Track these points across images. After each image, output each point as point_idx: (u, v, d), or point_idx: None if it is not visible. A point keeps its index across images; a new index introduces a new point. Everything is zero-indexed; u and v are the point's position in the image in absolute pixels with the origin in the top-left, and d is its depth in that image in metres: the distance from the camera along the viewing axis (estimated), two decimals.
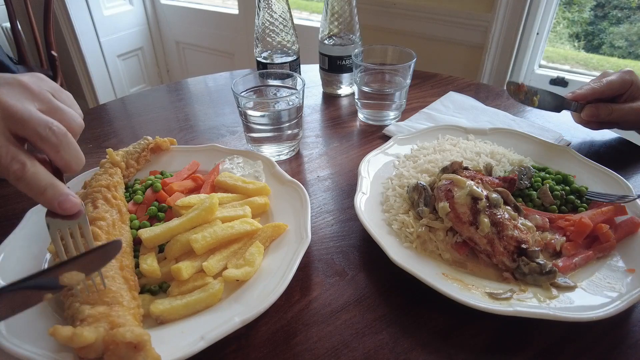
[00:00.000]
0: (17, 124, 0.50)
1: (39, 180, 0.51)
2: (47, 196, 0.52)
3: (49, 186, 0.52)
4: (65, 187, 0.53)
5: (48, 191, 0.52)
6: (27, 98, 0.52)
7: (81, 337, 0.46)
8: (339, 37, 1.18)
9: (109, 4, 3.02)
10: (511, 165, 0.84)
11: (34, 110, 0.51)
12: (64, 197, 0.52)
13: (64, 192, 0.53)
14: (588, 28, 1.94)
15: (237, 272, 0.60)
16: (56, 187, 0.52)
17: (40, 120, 0.51)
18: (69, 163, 0.54)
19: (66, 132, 0.53)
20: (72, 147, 0.54)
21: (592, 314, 0.54)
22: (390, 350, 0.56)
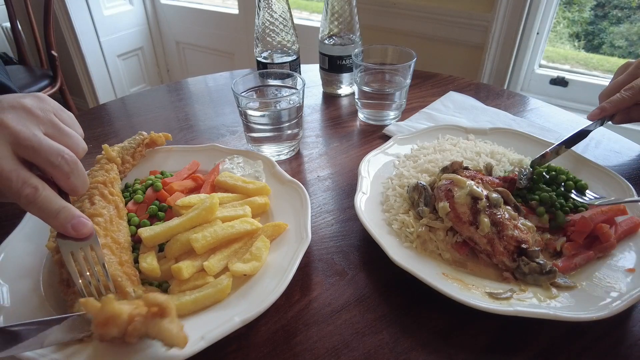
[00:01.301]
0: (27, 150, 0.51)
1: (51, 204, 0.51)
2: (59, 220, 0.52)
3: (61, 209, 0.52)
4: (76, 209, 0.53)
5: (60, 215, 0.52)
6: (32, 123, 0.53)
7: (109, 305, 0.47)
8: (339, 36, 1.18)
9: (109, 4, 3.02)
10: (511, 165, 0.84)
11: (43, 137, 0.52)
12: (76, 220, 0.53)
13: (75, 214, 0.53)
14: (588, 28, 1.94)
15: (245, 267, 0.60)
16: (68, 210, 0.52)
17: (51, 149, 0.52)
18: (76, 188, 0.55)
19: (76, 160, 0.54)
20: (82, 173, 0.55)
21: (592, 314, 0.54)
22: (391, 350, 0.56)
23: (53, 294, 0.60)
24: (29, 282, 0.61)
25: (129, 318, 0.47)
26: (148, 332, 0.47)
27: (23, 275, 0.62)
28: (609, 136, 1.03)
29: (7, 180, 0.49)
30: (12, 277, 0.61)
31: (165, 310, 0.48)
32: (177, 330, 0.48)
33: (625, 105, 0.82)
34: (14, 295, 0.59)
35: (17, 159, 0.50)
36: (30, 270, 0.63)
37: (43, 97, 0.57)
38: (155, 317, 0.48)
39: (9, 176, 0.49)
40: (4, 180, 0.49)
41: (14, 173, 0.49)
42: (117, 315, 0.47)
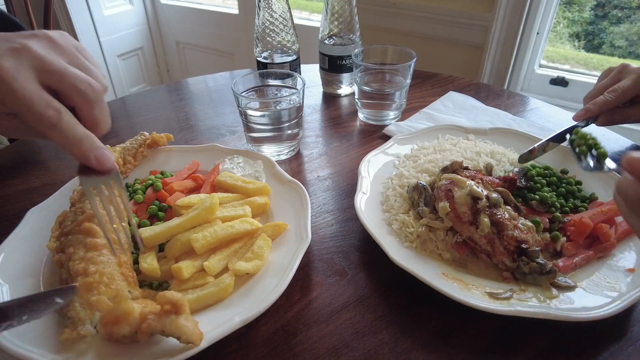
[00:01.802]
0: (53, 75, 0.48)
1: (75, 129, 0.48)
2: (82, 147, 0.49)
3: (85, 137, 0.49)
4: (99, 140, 0.51)
5: (84, 142, 0.49)
6: (56, 52, 0.50)
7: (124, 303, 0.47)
8: (339, 36, 1.18)
9: (109, 4, 3.02)
10: (511, 165, 0.84)
11: (68, 64, 0.50)
12: (99, 151, 0.50)
13: (99, 145, 0.50)
14: (588, 28, 1.94)
15: (248, 266, 0.60)
16: (92, 139, 0.50)
17: (78, 75, 0.49)
18: (98, 123, 0.52)
19: (102, 91, 0.52)
20: (105, 107, 0.52)
21: (592, 314, 0.54)
22: (391, 350, 0.56)
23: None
24: (29, 282, 0.61)
25: (140, 316, 0.47)
26: (164, 329, 0.47)
27: (23, 275, 0.62)
28: (608, 135, 1.03)
29: (30, 102, 0.46)
30: (12, 277, 0.61)
31: (180, 308, 0.48)
32: (193, 327, 0.48)
33: (609, 107, 0.84)
34: (14, 295, 0.59)
35: (41, 85, 0.48)
36: (31, 270, 0.63)
37: (65, 34, 0.55)
38: (170, 315, 0.47)
39: (31, 97, 0.46)
40: (27, 102, 0.46)
41: (37, 95, 0.47)
42: (128, 313, 0.47)
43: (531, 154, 0.84)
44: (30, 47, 0.48)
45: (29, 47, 0.48)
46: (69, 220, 0.65)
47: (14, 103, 0.47)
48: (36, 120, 0.47)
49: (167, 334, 0.47)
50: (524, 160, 0.84)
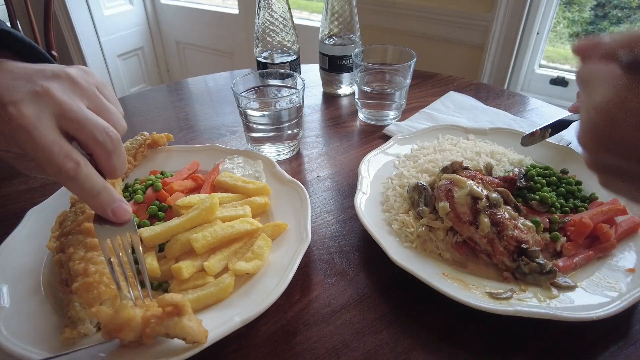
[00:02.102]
0: (72, 124, 0.48)
1: (93, 182, 0.48)
2: (101, 200, 0.49)
3: (103, 190, 0.49)
4: (116, 192, 0.50)
5: (102, 195, 0.49)
6: (77, 95, 0.50)
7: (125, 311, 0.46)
8: (339, 36, 1.18)
9: (109, 4, 3.02)
10: (511, 165, 0.84)
11: (88, 111, 0.49)
12: (117, 204, 0.50)
13: (117, 197, 0.50)
14: (588, 28, 1.93)
15: (248, 266, 0.60)
16: (110, 192, 0.49)
17: (97, 124, 0.49)
18: (115, 169, 0.52)
19: (120, 139, 0.51)
20: (123, 154, 0.52)
21: (592, 314, 0.54)
22: (391, 350, 0.56)
23: (53, 294, 0.60)
24: (29, 282, 0.61)
25: (143, 321, 0.47)
26: (168, 332, 0.47)
27: (23, 275, 0.62)
28: None
29: (49, 153, 0.45)
30: (12, 277, 0.61)
31: (182, 309, 0.48)
32: (198, 327, 0.48)
33: None
34: (14, 295, 0.59)
35: (60, 132, 0.47)
36: (31, 270, 0.63)
37: (87, 70, 0.54)
38: (172, 317, 0.48)
39: (51, 148, 0.45)
40: (45, 153, 0.45)
41: (57, 145, 0.46)
42: (131, 320, 0.47)
43: (532, 136, 0.86)
44: (52, 91, 0.48)
45: (51, 92, 0.47)
46: (69, 220, 0.65)
47: (33, 151, 0.46)
48: (55, 171, 0.47)
49: (172, 336, 0.48)
50: (525, 143, 0.87)
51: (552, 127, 0.88)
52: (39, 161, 0.47)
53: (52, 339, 0.53)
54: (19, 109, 0.45)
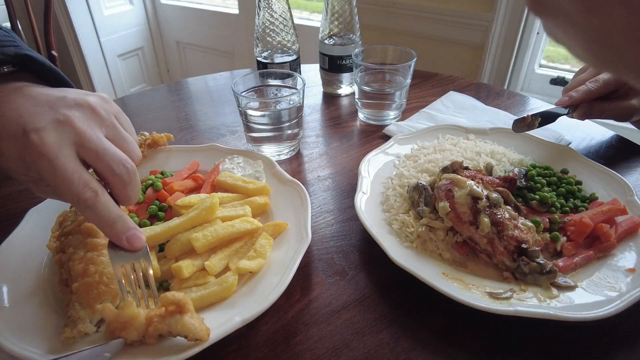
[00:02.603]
0: (90, 153, 0.49)
1: (110, 211, 0.49)
2: (115, 229, 0.50)
3: (119, 219, 0.50)
4: (131, 220, 0.52)
5: (117, 224, 0.50)
6: (97, 124, 0.51)
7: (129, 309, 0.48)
8: (339, 36, 1.18)
9: (109, 4, 3.02)
10: (511, 165, 0.84)
11: (107, 142, 0.51)
12: (131, 233, 0.51)
13: (131, 226, 0.51)
14: None
15: (252, 264, 0.60)
16: (125, 221, 0.51)
17: (115, 156, 0.50)
18: (130, 199, 0.53)
19: (136, 170, 0.53)
20: (138, 183, 0.53)
21: (592, 314, 0.54)
22: (391, 350, 0.56)
23: (53, 294, 0.60)
24: (29, 282, 0.61)
25: (146, 320, 0.48)
26: (170, 330, 0.48)
27: (23, 275, 0.62)
28: (609, 135, 1.03)
29: (69, 182, 0.47)
30: (12, 277, 0.61)
31: (183, 307, 0.49)
32: (199, 324, 0.49)
33: (591, 96, 0.86)
34: (14, 295, 0.59)
35: (79, 160, 0.49)
36: (30, 270, 0.63)
37: (107, 98, 0.55)
38: (175, 315, 0.49)
39: (71, 177, 0.47)
40: (65, 181, 0.47)
41: (77, 174, 0.47)
42: (134, 318, 0.48)
43: (523, 122, 0.88)
44: (73, 120, 0.49)
45: (72, 121, 0.49)
46: (69, 220, 0.65)
47: (53, 179, 0.47)
48: (73, 199, 0.48)
49: (175, 334, 0.48)
50: (516, 129, 0.89)
51: (541, 117, 0.89)
52: (57, 189, 0.48)
53: (52, 338, 0.53)
54: (41, 137, 0.46)
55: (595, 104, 0.87)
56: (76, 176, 0.47)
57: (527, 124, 0.88)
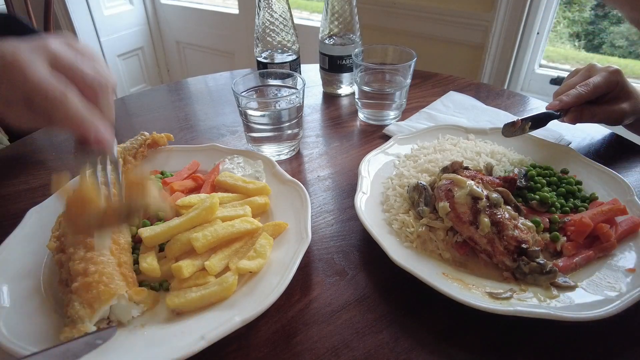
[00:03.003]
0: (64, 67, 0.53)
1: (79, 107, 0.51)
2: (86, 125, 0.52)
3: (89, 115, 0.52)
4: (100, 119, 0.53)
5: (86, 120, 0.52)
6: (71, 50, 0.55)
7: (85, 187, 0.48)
8: (339, 36, 1.18)
9: (109, 4, 3.02)
10: (511, 165, 0.84)
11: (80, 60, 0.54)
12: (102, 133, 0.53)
13: (100, 124, 0.53)
14: (588, 27, 1.93)
15: (252, 264, 0.60)
16: (95, 118, 0.52)
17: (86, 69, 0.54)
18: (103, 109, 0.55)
19: (108, 87, 0.55)
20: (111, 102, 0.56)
21: (592, 314, 0.54)
22: (391, 350, 0.56)
23: (53, 294, 0.60)
24: (29, 282, 0.61)
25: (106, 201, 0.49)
26: (131, 204, 0.50)
27: (23, 275, 0.62)
28: (609, 135, 1.03)
29: (38, 82, 0.50)
30: (12, 277, 0.61)
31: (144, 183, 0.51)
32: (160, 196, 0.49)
33: (581, 100, 0.86)
34: (14, 295, 0.59)
35: (51, 71, 0.51)
36: (31, 270, 0.63)
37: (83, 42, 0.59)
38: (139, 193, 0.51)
39: (40, 78, 0.50)
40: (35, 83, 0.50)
41: (46, 77, 0.50)
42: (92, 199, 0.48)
43: (513, 126, 0.87)
44: (47, 44, 0.53)
45: (46, 44, 0.53)
46: None
47: (23, 86, 0.50)
48: (42, 98, 0.50)
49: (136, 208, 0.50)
50: (507, 133, 0.88)
51: (532, 120, 0.88)
52: (28, 93, 0.50)
53: (52, 338, 0.53)
54: (15, 53, 0.50)
55: (585, 108, 0.87)
56: (45, 78, 0.50)
57: (517, 128, 0.88)
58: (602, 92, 0.87)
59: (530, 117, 0.88)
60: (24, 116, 0.55)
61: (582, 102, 0.86)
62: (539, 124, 0.89)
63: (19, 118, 0.56)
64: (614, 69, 0.87)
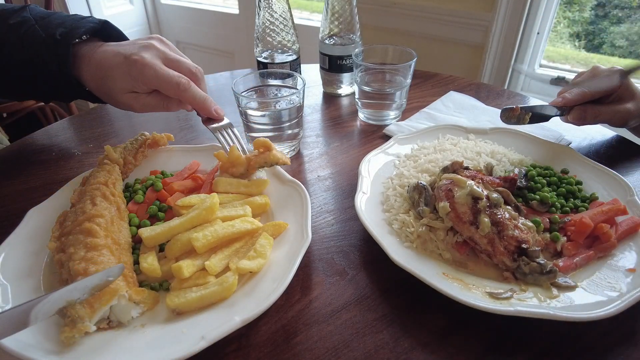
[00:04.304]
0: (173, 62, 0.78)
1: (200, 92, 0.77)
2: (207, 103, 0.78)
3: (207, 96, 0.78)
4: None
5: (207, 100, 0.78)
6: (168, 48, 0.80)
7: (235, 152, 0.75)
8: (339, 36, 1.18)
9: (109, 4, 3.02)
10: (512, 164, 0.84)
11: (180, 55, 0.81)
12: (217, 105, 0.80)
13: (214, 102, 0.80)
14: (589, 27, 1.93)
15: (252, 264, 0.60)
16: (211, 98, 0.79)
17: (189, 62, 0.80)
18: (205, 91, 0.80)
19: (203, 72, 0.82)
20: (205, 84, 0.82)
21: (592, 314, 0.54)
22: (391, 350, 0.56)
23: None
24: (30, 282, 0.61)
25: (246, 159, 0.73)
26: (265, 161, 0.73)
27: (24, 275, 0.62)
28: (609, 135, 1.03)
29: (168, 77, 0.73)
30: (13, 277, 0.61)
31: (270, 146, 0.74)
32: (282, 154, 0.75)
33: (585, 98, 0.86)
34: (15, 295, 0.59)
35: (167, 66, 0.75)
36: (31, 270, 0.63)
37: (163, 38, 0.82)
38: (266, 152, 0.73)
39: (169, 74, 0.74)
40: (165, 77, 0.73)
41: (170, 72, 0.74)
42: (238, 157, 0.73)
43: (512, 112, 0.87)
44: (154, 44, 0.77)
45: (153, 45, 0.77)
46: (69, 220, 0.65)
47: (156, 79, 0.73)
48: (173, 88, 0.74)
49: (269, 164, 0.73)
50: (504, 119, 0.88)
51: (532, 112, 0.88)
52: (160, 85, 0.74)
53: (52, 338, 0.53)
54: (141, 56, 0.73)
55: (589, 107, 0.86)
56: (171, 73, 0.74)
57: (516, 117, 0.87)
58: (606, 92, 0.86)
59: (530, 107, 0.88)
60: (148, 103, 0.79)
61: (585, 100, 0.86)
62: (539, 118, 0.89)
63: (143, 106, 0.79)
64: (618, 69, 0.87)
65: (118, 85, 0.75)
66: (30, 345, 0.51)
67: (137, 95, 0.77)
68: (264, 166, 0.72)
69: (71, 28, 0.78)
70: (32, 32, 0.78)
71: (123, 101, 0.78)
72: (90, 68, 0.77)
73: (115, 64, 0.74)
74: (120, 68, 0.74)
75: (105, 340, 0.53)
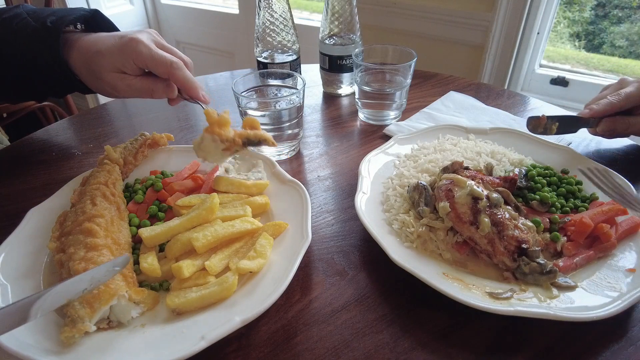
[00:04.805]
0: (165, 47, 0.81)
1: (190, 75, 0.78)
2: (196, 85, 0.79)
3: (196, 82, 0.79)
4: None
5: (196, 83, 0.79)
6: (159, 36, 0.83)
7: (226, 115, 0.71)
8: (339, 36, 1.18)
9: (109, 4, 3.02)
10: (512, 165, 0.84)
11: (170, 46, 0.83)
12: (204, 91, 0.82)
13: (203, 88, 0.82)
14: (589, 27, 1.93)
15: (252, 264, 0.60)
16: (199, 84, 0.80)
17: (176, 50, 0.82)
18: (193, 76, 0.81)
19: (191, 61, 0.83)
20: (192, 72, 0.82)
21: (592, 314, 0.54)
22: (391, 350, 0.56)
23: None
24: (30, 282, 0.61)
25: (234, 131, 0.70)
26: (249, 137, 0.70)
27: (24, 275, 0.62)
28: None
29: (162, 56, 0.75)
30: (13, 277, 0.61)
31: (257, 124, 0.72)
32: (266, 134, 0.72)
33: (613, 109, 0.84)
34: (15, 295, 0.59)
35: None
36: (31, 270, 0.63)
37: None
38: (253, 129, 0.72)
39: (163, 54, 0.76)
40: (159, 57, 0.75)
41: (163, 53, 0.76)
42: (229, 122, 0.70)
43: (538, 120, 0.86)
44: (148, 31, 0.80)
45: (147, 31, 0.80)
46: (69, 220, 0.65)
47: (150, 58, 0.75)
48: (166, 66, 0.75)
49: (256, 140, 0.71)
50: (531, 128, 0.87)
51: (560, 121, 0.85)
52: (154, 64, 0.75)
53: (52, 338, 0.53)
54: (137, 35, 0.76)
55: (619, 118, 0.83)
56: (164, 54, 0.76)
57: (543, 126, 0.85)
58: (636, 103, 0.83)
59: (558, 116, 0.85)
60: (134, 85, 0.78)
61: (613, 111, 0.83)
62: (567, 128, 0.86)
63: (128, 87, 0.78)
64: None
65: (107, 61, 0.75)
66: (29, 345, 0.51)
67: (124, 75, 0.77)
68: (250, 144, 0.71)
69: (62, 16, 0.80)
70: (24, 23, 0.80)
71: (108, 80, 0.77)
72: (80, 50, 0.77)
73: (109, 42, 0.75)
74: (113, 45, 0.75)
75: (105, 340, 0.53)
